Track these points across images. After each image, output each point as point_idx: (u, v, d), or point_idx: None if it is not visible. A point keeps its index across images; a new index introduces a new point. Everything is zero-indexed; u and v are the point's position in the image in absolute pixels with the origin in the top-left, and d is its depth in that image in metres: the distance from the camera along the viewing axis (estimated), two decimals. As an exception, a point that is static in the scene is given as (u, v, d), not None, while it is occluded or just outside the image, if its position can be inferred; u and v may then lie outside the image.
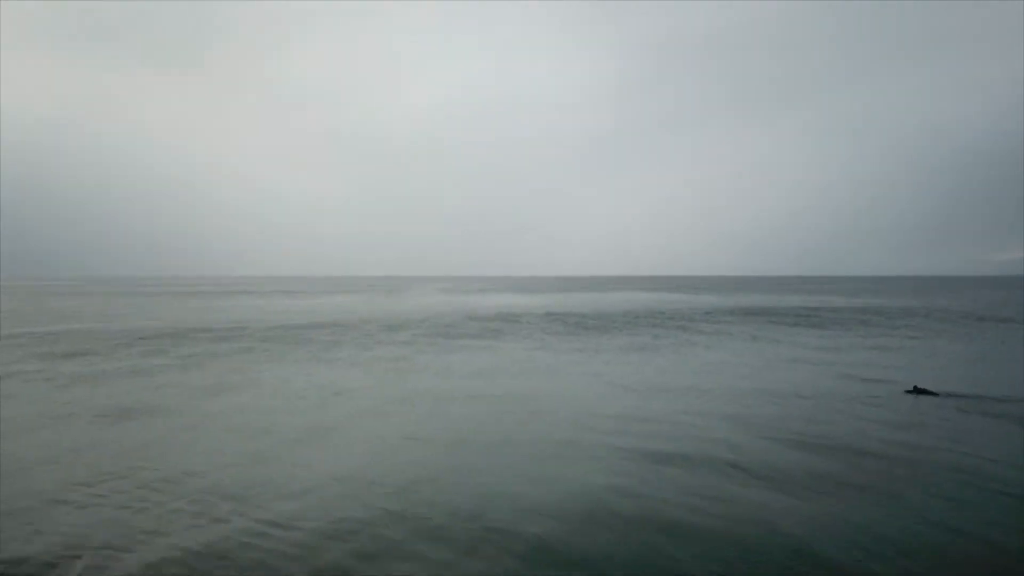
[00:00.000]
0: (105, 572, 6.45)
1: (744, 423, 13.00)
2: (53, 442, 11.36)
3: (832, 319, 42.03)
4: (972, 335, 31.51)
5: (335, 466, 10.01)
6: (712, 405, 14.84)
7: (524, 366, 21.37)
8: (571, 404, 14.98)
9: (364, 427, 12.84)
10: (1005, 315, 46.20)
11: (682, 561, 6.80)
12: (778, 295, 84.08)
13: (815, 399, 15.53)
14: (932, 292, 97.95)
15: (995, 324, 38.50)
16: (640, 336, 31.16)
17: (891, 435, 12.06)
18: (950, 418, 13.52)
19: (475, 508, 8.17)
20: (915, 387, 16.42)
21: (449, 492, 8.81)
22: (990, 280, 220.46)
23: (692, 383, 17.85)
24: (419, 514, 7.96)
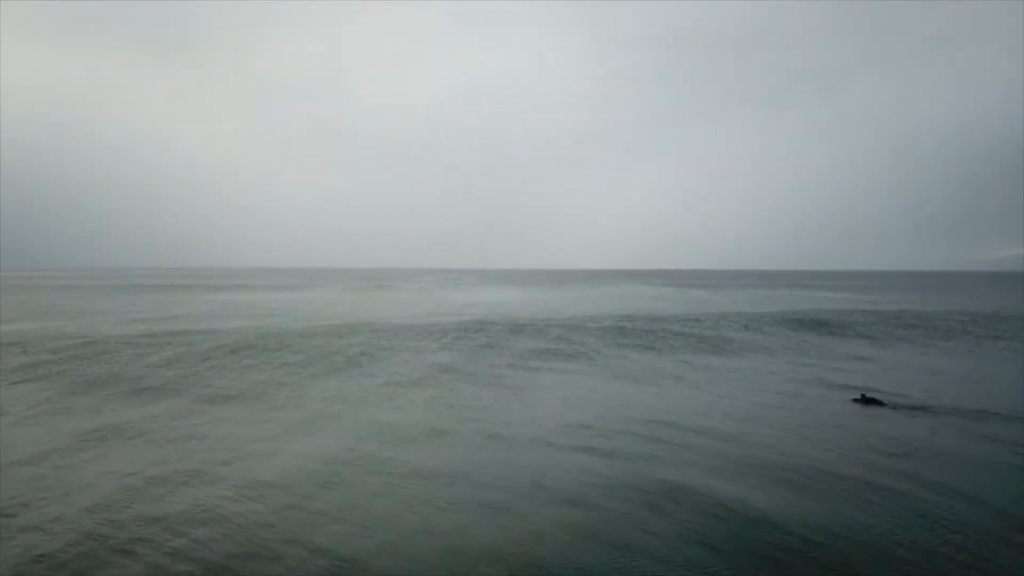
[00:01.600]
0: None
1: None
2: None
3: (820, 320, 39.59)
4: (965, 342, 28.91)
5: None
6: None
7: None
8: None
9: None
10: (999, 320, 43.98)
11: None
12: (758, 290, 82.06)
13: (756, 404, 14.60)
14: (930, 289, 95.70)
15: (985, 328, 36.20)
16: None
17: (812, 443, 11.24)
18: (887, 428, 12.38)
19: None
20: (863, 395, 14.70)
21: None
22: (1002, 276, 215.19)
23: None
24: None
